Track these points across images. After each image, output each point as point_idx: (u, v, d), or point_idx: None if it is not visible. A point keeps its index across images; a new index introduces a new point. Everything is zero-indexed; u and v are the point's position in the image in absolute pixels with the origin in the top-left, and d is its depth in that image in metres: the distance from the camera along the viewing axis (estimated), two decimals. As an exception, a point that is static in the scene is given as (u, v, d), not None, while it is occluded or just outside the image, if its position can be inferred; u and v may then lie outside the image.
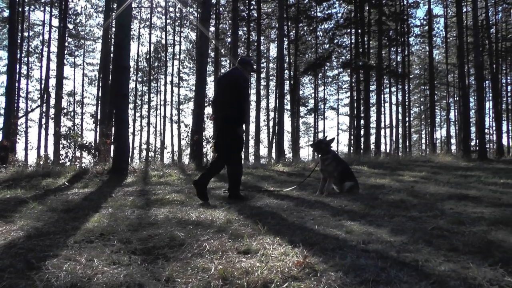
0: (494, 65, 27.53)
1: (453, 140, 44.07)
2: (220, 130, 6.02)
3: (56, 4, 32.75)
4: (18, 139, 20.22)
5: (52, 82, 32.83)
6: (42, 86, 34.95)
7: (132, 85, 38.81)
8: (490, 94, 25.98)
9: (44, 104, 32.18)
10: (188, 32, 40.66)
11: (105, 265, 2.55)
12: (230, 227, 3.66)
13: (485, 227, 3.56)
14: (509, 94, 39.71)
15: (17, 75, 29.31)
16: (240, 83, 5.79)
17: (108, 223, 3.93)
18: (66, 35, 31.65)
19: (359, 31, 27.77)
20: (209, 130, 14.08)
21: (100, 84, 26.31)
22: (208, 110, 15.81)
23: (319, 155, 6.61)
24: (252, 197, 6.01)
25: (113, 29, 17.53)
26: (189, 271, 2.41)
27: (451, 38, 34.70)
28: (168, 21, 39.61)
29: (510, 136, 39.22)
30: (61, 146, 13.23)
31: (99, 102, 27.95)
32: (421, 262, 2.51)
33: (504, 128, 34.62)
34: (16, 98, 27.79)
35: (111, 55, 17.58)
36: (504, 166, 13.27)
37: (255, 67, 6.72)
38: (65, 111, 17.80)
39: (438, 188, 6.52)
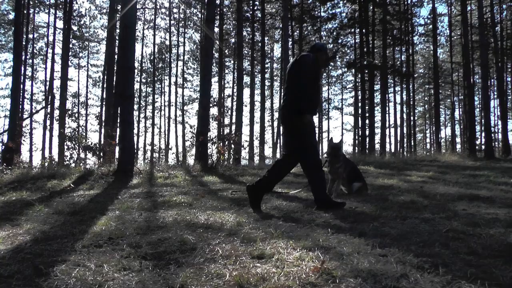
0: (500, 63, 27.33)
1: (457, 139, 43.86)
2: (283, 123, 5.33)
3: (60, 6, 32.84)
4: (23, 140, 20.21)
5: (57, 83, 33.01)
6: (47, 87, 35.06)
7: (136, 86, 38.80)
8: (495, 93, 25.82)
9: (49, 106, 32.20)
10: (192, 33, 40.75)
11: (115, 271, 2.48)
12: (241, 231, 3.58)
13: (502, 229, 3.48)
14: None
15: (22, 77, 29.44)
16: (301, 68, 4.87)
17: (116, 226, 3.86)
18: (71, 37, 31.64)
19: (363, 30, 27.67)
20: (213, 131, 14.04)
21: (105, 86, 26.35)
22: (213, 111, 15.80)
23: (328, 158, 6.42)
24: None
25: (117, 30, 17.45)
26: (203, 278, 2.33)
27: (455, 37, 34.58)
28: (172, 22, 39.74)
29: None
30: (65, 147, 13.22)
31: (104, 103, 28.04)
32: (441, 267, 2.42)
33: (510, 126, 34.49)
34: (21, 99, 27.88)
35: (116, 56, 17.60)
36: (511, 165, 13.14)
37: (329, 55, 5.94)
38: (69, 112, 17.79)
39: (447, 189, 6.42)
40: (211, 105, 14.65)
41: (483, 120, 27.65)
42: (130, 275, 2.41)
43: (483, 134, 28.01)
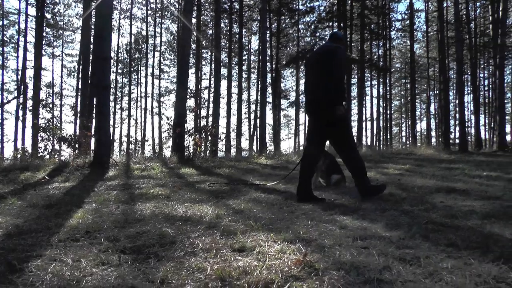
0: (473, 59, 27.88)
1: (433, 133, 44.59)
2: (313, 116, 5.17)
3: (32, -8, 31.88)
4: (-6, 131, 19.68)
5: (30, 73, 32.08)
6: (19, 77, 34.09)
7: (112, 76, 38.09)
8: (470, 88, 26.40)
9: (21, 96, 31.40)
10: (170, 24, 40.24)
11: (93, 265, 2.41)
12: (221, 223, 3.55)
13: (479, 221, 3.54)
14: (486, 88, 40.55)
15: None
16: (339, 59, 4.83)
17: (93, 219, 3.77)
18: (44, 25, 30.79)
19: (341, 24, 27.80)
20: (190, 122, 13.90)
21: (80, 76, 25.73)
22: (190, 102, 15.68)
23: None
24: (238, 191, 5.90)
25: (93, 19, 17.10)
26: (183, 272, 2.28)
27: (431, 33, 35.06)
28: (149, 12, 39.13)
29: (487, 129, 39.97)
30: (39, 138, 12.93)
31: (79, 93, 27.43)
32: (423, 259, 2.43)
33: (481, 121, 35.24)
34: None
35: (91, 46, 17.24)
36: (484, 158, 13.43)
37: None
38: (43, 102, 17.34)
39: (425, 181, 6.51)
40: (188, 96, 14.54)
41: (457, 115, 28.19)
42: (108, 269, 2.34)
43: (457, 128, 28.57)
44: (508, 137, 27.03)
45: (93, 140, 10.68)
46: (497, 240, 2.88)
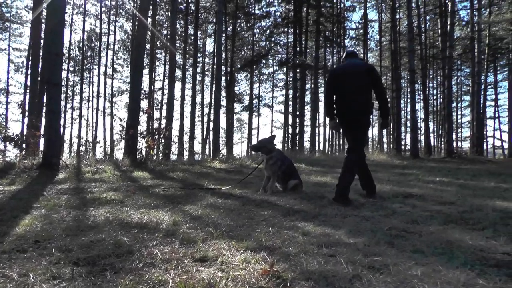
0: (423, 69, 28.92)
1: (384, 139, 45.80)
2: (352, 123, 5.59)
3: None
4: None
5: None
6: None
7: (63, 74, 36.71)
8: (420, 97, 27.26)
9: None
10: (124, 22, 39.26)
11: (43, 280, 2.19)
12: (179, 230, 3.40)
13: (440, 227, 3.60)
14: (434, 97, 42.15)
15: None
16: (375, 72, 5.61)
17: (42, 227, 3.51)
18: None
19: (297, 30, 28.06)
20: (143, 124, 13.57)
21: (29, 72, 24.57)
22: (143, 104, 15.33)
23: (263, 154, 6.49)
24: (194, 196, 5.75)
25: (44, 13, 16.40)
26: (143, 285, 2.11)
27: (384, 42, 35.99)
28: (103, 9, 37.97)
29: (435, 136, 41.53)
30: (-19, 138, 12.19)
31: (27, 91, 26.19)
32: (392, 266, 2.39)
33: (431, 129, 36.52)
34: None
35: (42, 41, 16.55)
36: (435, 164, 13.89)
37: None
38: (-13, 100, 16.46)
39: (381, 186, 6.60)
40: (141, 97, 14.19)
41: (408, 122, 29.04)
42: (60, 284, 2.14)
43: (407, 135, 29.40)
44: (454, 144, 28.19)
45: (42, 140, 10.18)
46: (459, 245, 2.92)
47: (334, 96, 5.63)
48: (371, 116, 5.92)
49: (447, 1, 24.77)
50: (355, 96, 5.51)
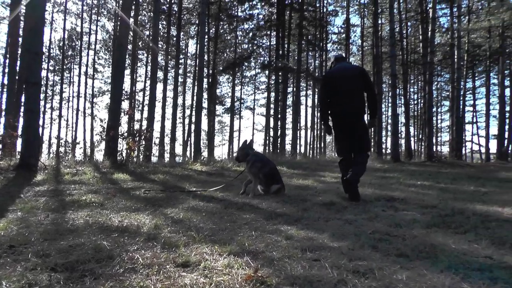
0: (404, 75, 29.28)
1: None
2: (351, 124, 5.78)
3: None
4: None
5: None
6: None
7: (43, 73, 36.06)
8: (401, 101, 27.62)
9: None
10: (106, 21, 38.78)
11: None
12: (160, 234, 3.32)
13: (423, 230, 3.61)
14: (415, 101, 42.74)
15: None
16: (367, 75, 5.87)
17: (18, 230, 3.37)
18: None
19: (280, 34, 28.13)
20: (124, 125, 13.40)
21: (6, 70, 24.07)
22: (125, 105, 15.15)
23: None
24: (175, 199, 5.68)
25: (23, 10, 16.09)
26: (124, 291, 2.07)
27: (366, 47, 36.33)
28: (85, 7, 37.39)
29: (415, 141, 42.07)
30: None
31: (5, 89, 25.66)
32: (377, 270, 2.37)
33: (411, 133, 36.97)
34: None
35: (20, 38, 16.24)
36: (415, 168, 14.05)
37: None
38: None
39: (363, 190, 6.61)
40: (123, 98, 14.03)
41: (389, 126, 29.34)
42: (35, 291, 2.06)
43: (388, 139, 29.64)
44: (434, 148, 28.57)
45: (19, 141, 9.94)
46: (443, 249, 2.92)
47: (329, 99, 5.83)
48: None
49: (428, 8, 25.23)
50: (351, 98, 5.71)
